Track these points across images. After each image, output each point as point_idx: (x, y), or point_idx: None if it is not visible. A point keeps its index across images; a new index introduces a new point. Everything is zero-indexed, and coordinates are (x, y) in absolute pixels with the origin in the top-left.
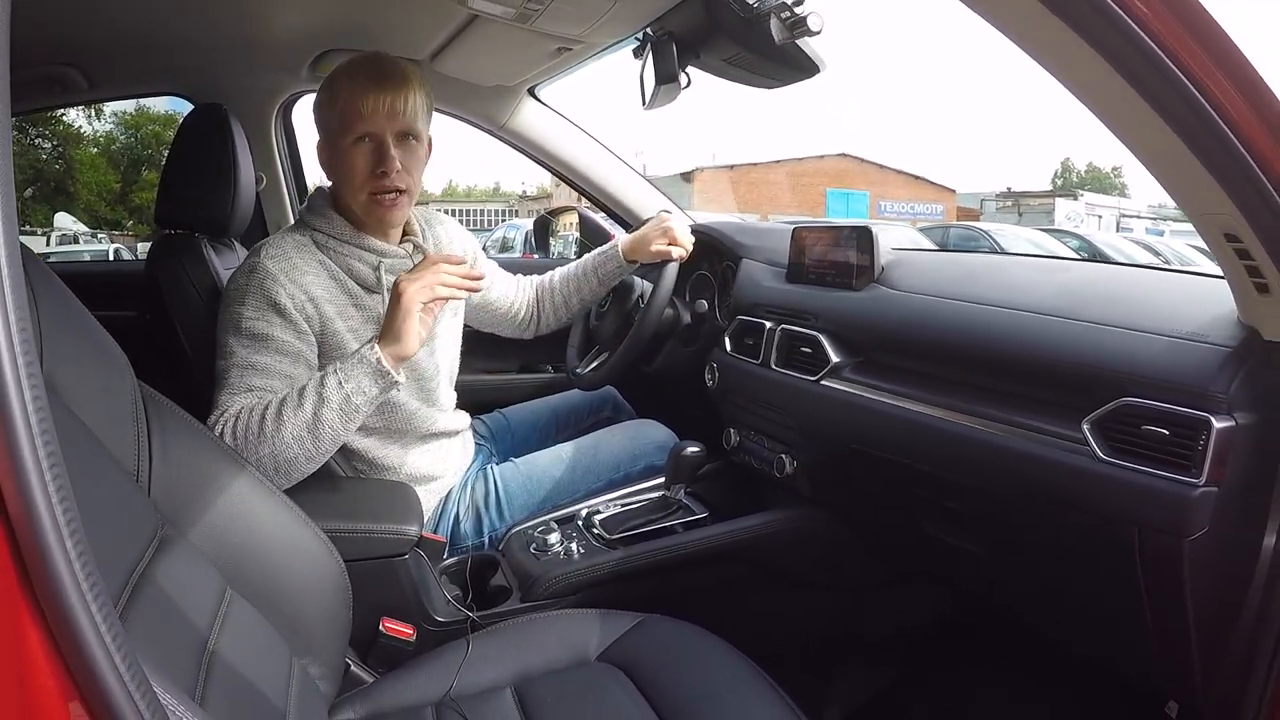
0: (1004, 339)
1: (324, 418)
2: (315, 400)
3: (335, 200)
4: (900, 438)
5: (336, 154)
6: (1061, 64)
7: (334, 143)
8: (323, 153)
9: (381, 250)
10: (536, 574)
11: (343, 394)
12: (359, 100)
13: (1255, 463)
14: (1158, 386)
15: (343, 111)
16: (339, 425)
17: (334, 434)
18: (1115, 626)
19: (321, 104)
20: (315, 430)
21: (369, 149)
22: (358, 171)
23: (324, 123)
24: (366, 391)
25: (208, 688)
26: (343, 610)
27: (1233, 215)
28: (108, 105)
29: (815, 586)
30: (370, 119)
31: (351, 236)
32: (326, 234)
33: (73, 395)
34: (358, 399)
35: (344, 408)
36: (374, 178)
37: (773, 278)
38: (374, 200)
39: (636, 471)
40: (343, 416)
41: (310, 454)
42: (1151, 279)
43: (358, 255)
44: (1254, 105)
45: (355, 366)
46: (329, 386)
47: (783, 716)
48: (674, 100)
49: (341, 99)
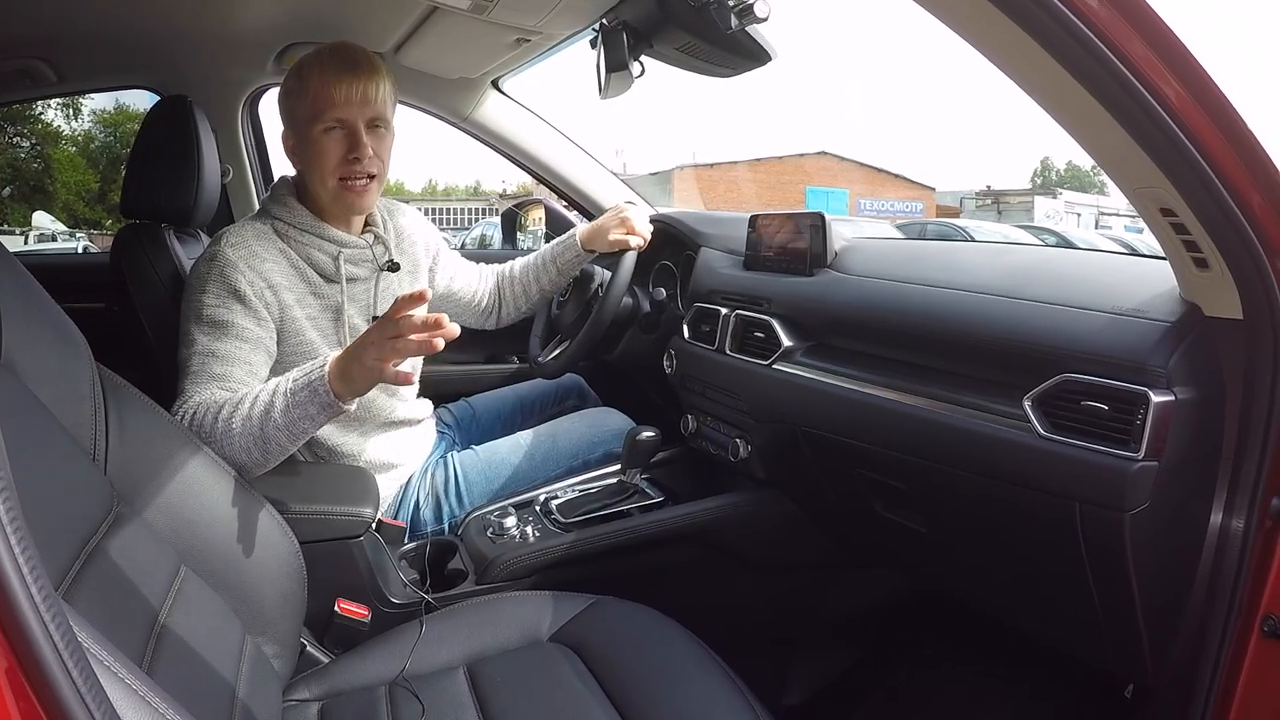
0: (948, 319)
1: (270, 435)
2: (262, 417)
3: (298, 189)
4: (848, 419)
5: (305, 142)
6: (983, 36)
7: (303, 130)
8: (288, 141)
9: (342, 240)
10: (492, 557)
11: (290, 418)
12: (331, 88)
13: (1198, 437)
14: (1097, 362)
15: (314, 99)
16: (286, 443)
17: (281, 449)
18: (1064, 606)
19: (290, 92)
20: (263, 445)
21: (341, 136)
22: (329, 158)
23: (292, 111)
24: (314, 418)
25: (156, 659)
26: (297, 590)
27: (1166, 190)
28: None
29: (770, 569)
30: (343, 106)
31: (312, 226)
32: (287, 223)
33: (30, 375)
34: (305, 424)
35: (291, 429)
36: (346, 164)
37: (730, 265)
38: (344, 186)
39: (595, 459)
40: (290, 437)
41: (259, 462)
42: (1097, 261)
43: (317, 245)
44: (1180, 77)
45: (306, 395)
46: (277, 408)
47: (732, 697)
48: (627, 89)
49: (313, 87)
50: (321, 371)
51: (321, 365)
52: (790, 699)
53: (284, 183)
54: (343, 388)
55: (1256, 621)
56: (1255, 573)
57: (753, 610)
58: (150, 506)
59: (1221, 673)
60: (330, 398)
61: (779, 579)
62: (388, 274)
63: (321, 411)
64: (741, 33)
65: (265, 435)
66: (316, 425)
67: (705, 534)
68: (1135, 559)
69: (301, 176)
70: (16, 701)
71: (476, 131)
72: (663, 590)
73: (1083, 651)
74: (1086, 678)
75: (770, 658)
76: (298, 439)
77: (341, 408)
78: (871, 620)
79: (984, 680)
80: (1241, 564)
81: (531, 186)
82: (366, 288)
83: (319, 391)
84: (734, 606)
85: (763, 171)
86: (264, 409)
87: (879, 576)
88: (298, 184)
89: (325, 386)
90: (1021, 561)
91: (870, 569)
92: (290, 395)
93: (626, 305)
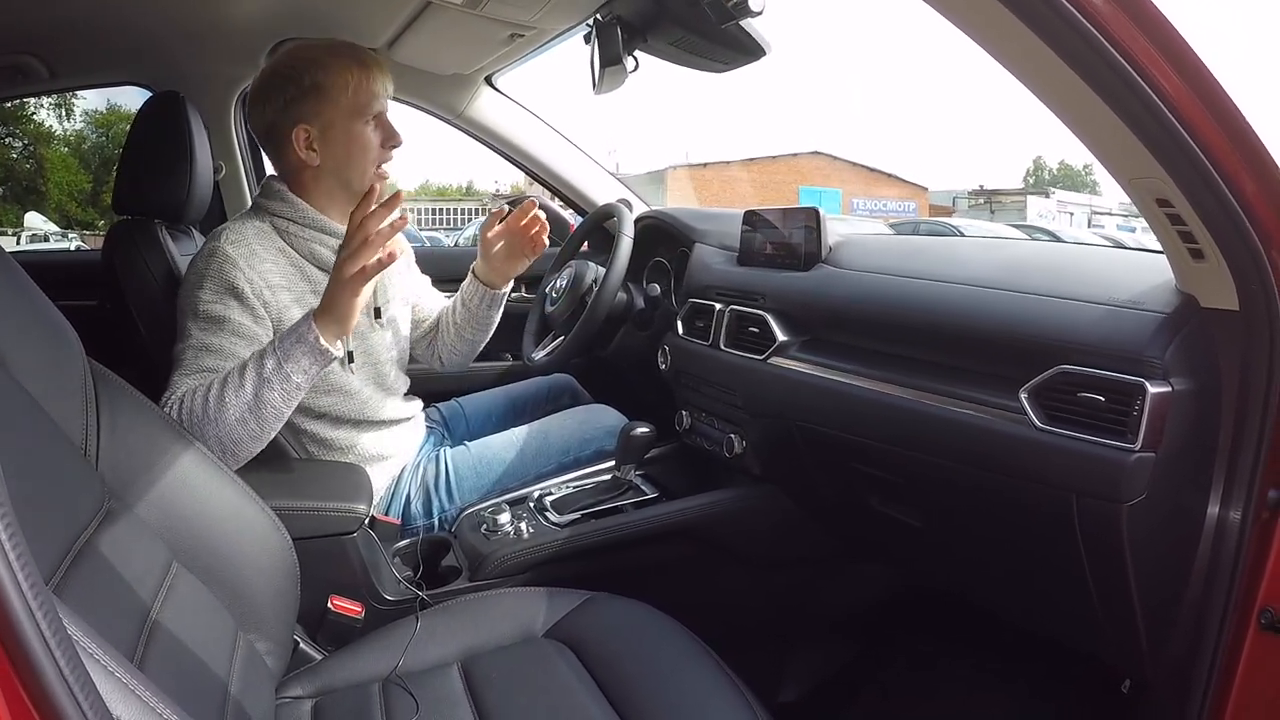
0: (944, 312)
1: (265, 398)
2: (255, 380)
3: (294, 186)
4: (844, 413)
5: (343, 135)
6: (982, 28)
7: (342, 124)
8: (315, 140)
9: (343, 234)
10: (486, 553)
11: (283, 373)
12: (373, 82)
13: (1194, 428)
14: (1093, 354)
15: (356, 93)
16: (280, 404)
17: (276, 412)
18: (1060, 599)
19: (321, 87)
20: (258, 411)
21: (378, 127)
22: (372, 148)
23: (323, 110)
24: (306, 370)
25: (147, 654)
26: (290, 586)
27: (1162, 179)
28: (79, 105)
29: (765, 564)
30: (382, 98)
31: (315, 220)
32: (289, 219)
33: (21, 369)
34: (298, 377)
35: (284, 386)
36: (383, 151)
37: (724, 261)
38: (378, 172)
39: (586, 455)
40: (284, 395)
41: (255, 433)
42: (1093, 254)
43: (320, 239)
44: (1178, 68)
45: (294, 345)
46: (268, 367)
47: (727, 692)
48: (621, 84)
49: (354, 83)
50: (307, 320)
51: (307, 315)
52: (786, 695)
53: (277, 179)
54: (329, 325)
55: (1253, 614)
56: (1252, 565)
57: (748, 606)
58: (142, 502)
59: (1218, 666)
60: (318, 342)
61: (774, 575)
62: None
63: (312, 359)
64: (735, 27)
65: (259, 400)
66: (309, 378)
67: (700, 530)
68: (1132, 551)
69: (301, 174)
70: (4, 694)
71: (470, 128)
72: (657, 586)
73: (1080, 644)
74: (1083, 672)
75: (766, 653)
76: (291, 397)
77: (332, 354)
78: (868, 615)
79: (981, 675)
80: (1238, 556)
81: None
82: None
83: (306, 338)
84: (729, 602)
85: (756, 171)
86: (255, 373)
87: (875, 571)
88: (291, 180)
89: (313, 332)
90: (1018, 554)
91: (866, 564)
92: (278, 349)
93: (620, 301)
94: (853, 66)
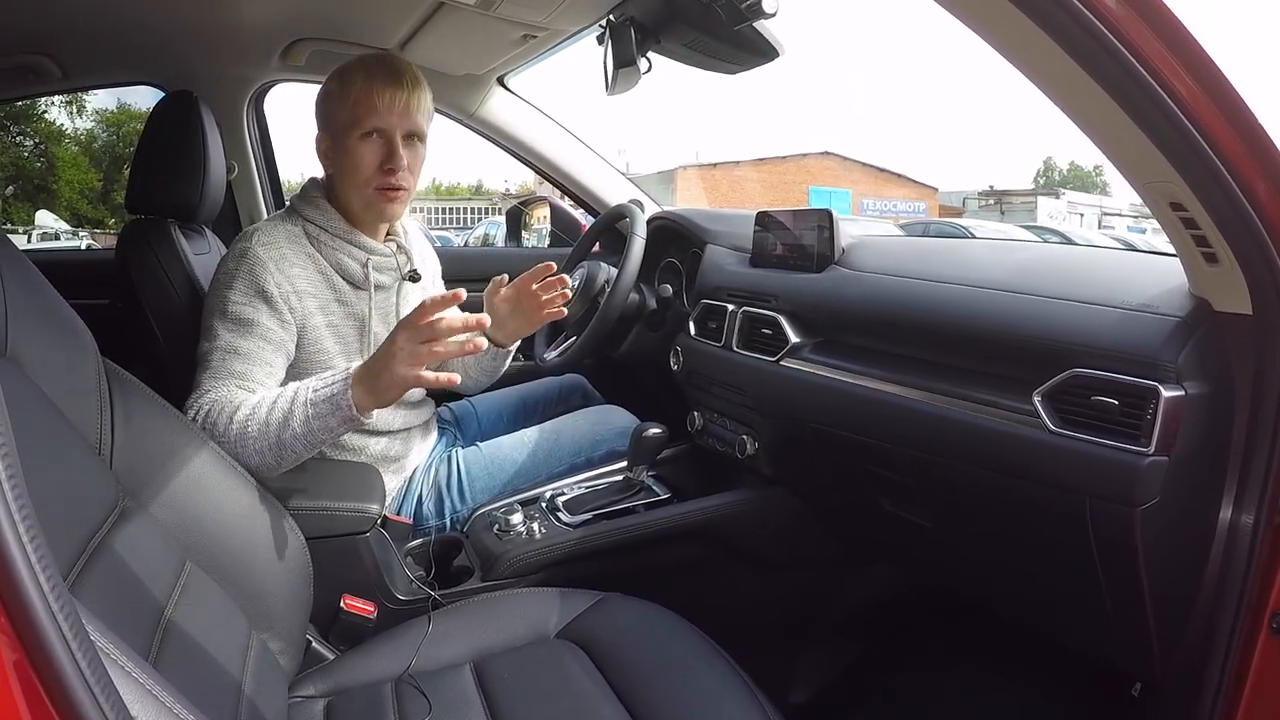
0: (957, 314)
1: (287, 443)
2: (280, 425)
3: (329, 192)
4: (857, 415)
5: (341, 147)
6: (997, 32)
7: (340, 135)
8: (322, 144)
9: (370, 248)
10: (498, 553)
11: (309, 428)
12: (374, 95)
13: (1208, 432)
14: (1107, 357)
15: (355, 104)
16: (301, 451)
17: (296, 456)
18: (1073, 602)
19: (330, 95)
20: (278, 451)
21: (378, 144)
22: (365, 166)
23: (329, 115)
24: (334, 430)
25: (162, 653)
26: (303, 586)
27: (1177, 184)
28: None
29: (776, 565)
30: (384, 115)
31: (344, 232)
32: (320, 226)
33: (36, 368)
34: (323, 435)
35: (309, 439)
36: (380, 173)
37: (736, 262)
38: (378, 194)
39: (598, 456)
40: (306, 446)
41: (271, 466)
42: (1106, 257)
43: (347, 251)
44: (1192, 72)
45: (327, 408)
46: (296, 418)
47: (739, 693)
48: (634, 85)
49: (355, 92)
50: (345, 384)
51: (345, 378)
52: (797, 695)
53: (315, 184)
54: (367, 399)
55: (1265, 618)
56: (1264, 569)
57: (759, 607)
58: (156, 501)
59: (1229, 669)
60: (352, 411)
61: (785, 576)
62: (408, 284)
63: (341, 424)
64: (749, 28)
65: (281, 442)
66: (335, 436)
67: (711, 531)
68: (1145, 554)
69: (332, 180)
70: (25, 694)
71: (482, 129)
72: (669, 587)
73: (1091, 648)
74: (1093, 675)
75: (777, 654)
76: (314, 448)
77: (362, 421)
78: (879, 617)
79: (990, 677)
80: (1251, 560)
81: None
82: (389, 296)
83: (341, 405)
84: (741, 603)
85: (766, 171)
86: (282, 417)
87: (885, 573)
88: (327, 186)
89: (348, 400)
90: (1030, 557)
91: (877, 565)
92: (310, 406)
93: (633, 302)
94: (863, 67)
